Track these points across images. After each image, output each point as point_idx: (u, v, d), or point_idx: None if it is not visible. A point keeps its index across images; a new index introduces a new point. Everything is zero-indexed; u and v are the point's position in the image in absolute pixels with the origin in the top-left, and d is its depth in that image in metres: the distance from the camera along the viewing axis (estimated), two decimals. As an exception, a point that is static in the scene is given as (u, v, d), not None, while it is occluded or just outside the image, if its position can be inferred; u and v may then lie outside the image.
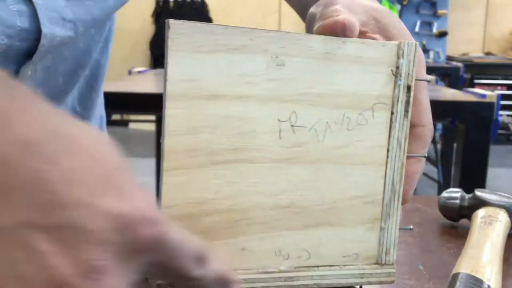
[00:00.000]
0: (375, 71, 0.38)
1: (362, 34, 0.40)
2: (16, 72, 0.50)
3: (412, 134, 0.40)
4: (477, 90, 2.06)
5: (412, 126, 0.40)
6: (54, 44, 0.49)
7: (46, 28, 0.48)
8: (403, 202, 0.40)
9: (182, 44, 0.33)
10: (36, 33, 0.48)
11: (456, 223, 0.65)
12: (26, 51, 0.49)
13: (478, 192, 0.62)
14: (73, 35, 0.51)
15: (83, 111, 0.63)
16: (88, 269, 0.22)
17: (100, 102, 0.71)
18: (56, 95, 0.56)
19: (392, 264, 0.40)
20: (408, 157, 0.40)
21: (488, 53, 5.52)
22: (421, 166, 0.41)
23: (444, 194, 0.65)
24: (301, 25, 0.47)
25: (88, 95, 0.63)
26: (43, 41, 0.48)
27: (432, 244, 0.60)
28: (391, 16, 0.43)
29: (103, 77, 0.67)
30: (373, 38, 0.40)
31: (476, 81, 5.13)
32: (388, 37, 0.41)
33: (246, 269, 0.37)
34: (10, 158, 0.23)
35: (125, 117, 4.14)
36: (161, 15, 5.41)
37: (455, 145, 2.59)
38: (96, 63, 0.63)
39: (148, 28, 5.30)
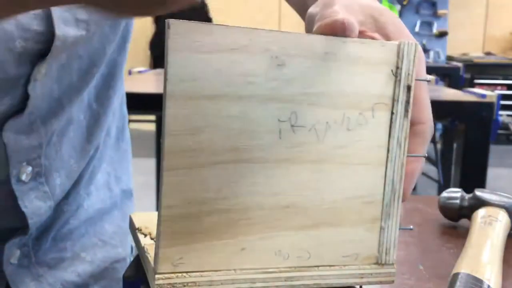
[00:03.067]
0: (375, 71, 0.38)
1: (360, 33, 0.40)
2: (31, 70, 0.50)
3: (412, 132, 0.40)
4: (477, 90, 2.06)
5: (412, 123, 0.40)
6: (67, 44, 0.50)
7: (60, 29, 0.48)
8: (402, 200, 0.40)
9: (182, 44, 0.33)
10: (50, 34, 0.49)
11: (456, 223, 0.65)
12: (40, 51, 0.49)
13: (478, 192, 0.62)
14: (86, 34, 0.51)
15: (99, 108, 0.63)
16: None
17: (119, 100, 0.72)
18: (71, 92, 0.56)
19: (392, 264, 0.40)
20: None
21: (488, 53, 5.52)
22: (421, 164, 0.41)
23: (444, 194, 0.65)
24: (301, 25, 0.47)
25: (105, 92, 0.64)
26: (57, 42, 0.49)
27: (432, 244, 0.60)
28: (389, 14, 0.43)
29: (120, 75, 0.67)
30: (371, 37, 0.40)
31: (476, 81, 5.13)
32: (386, 34, 0.41)
33: (246, 269, 0.37)
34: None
35: (125, 117, 4.13)
36: (161, 15, 5.40)
37: (455, 145, 2.59)
38: (113, 61, 0.64)
39: (148, 28, 5.30)
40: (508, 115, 5.04)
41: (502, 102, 2.25)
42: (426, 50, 4.89)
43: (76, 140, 0.60)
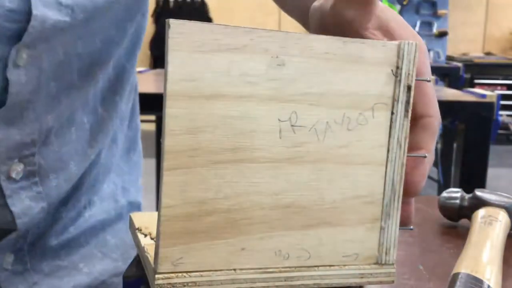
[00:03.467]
0: (375, 71, 0.38)
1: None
2: (8, 54, 0.48)
3: (421, 125, 0.39)
4: (477, 90, 2.06)
5: (419, 117, 0.39)
6: (47, 28, 0.48)
7: (38, 10, 0.47)
8: (412, 194, 0.40)
9: (182, 44, 0.33)
10: (27, 15, 0.47)
11: (456, 223, 0.65)
12: (17, 32, 0.48)
13: (478, 192, 0.62)
14: (69, 21, 0.49)
15: (104, 113, 0.62)
16: None
17: (129, 108, 0.71)
18: (71, 90, 0.55)
19: (392, 264, 0.40)
20: (416, 149, 0.39)
21: (488, 53, 5.52)
22: (431, 157, 0.40)
23: (444, 194, 0.65)
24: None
25: (111, 97, 0.63)
26: (33, 23, 0.47)
27: (432, 244, 0.60)
28: (390, 11, 0.42)
29: (128, 82, 0.66)
30: (373, 35, 0.40)
31: (476, 81, 5.13)
32: (388, 32, 0.41)
33: (246, 269, 0.37)
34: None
35: (125, 117, 4.13)
36: (161, 15, 5.41)
37: (455, 145, 2.59)
38: (121, 66, 0.63)
39: (148, 28, 5.29)
40: (508, 115, 5.04)
41: (502, 102, 2.25)
42: (426, 50, 4.88)
43: (77, 143, 0.59)
